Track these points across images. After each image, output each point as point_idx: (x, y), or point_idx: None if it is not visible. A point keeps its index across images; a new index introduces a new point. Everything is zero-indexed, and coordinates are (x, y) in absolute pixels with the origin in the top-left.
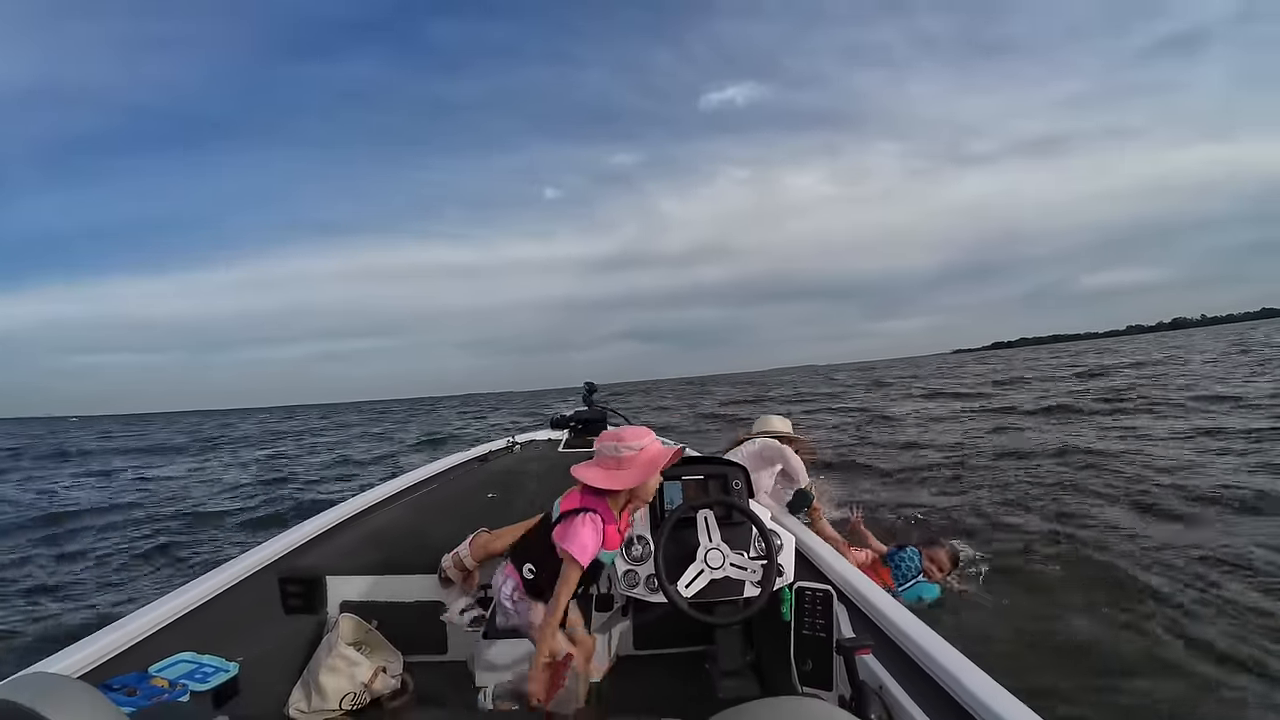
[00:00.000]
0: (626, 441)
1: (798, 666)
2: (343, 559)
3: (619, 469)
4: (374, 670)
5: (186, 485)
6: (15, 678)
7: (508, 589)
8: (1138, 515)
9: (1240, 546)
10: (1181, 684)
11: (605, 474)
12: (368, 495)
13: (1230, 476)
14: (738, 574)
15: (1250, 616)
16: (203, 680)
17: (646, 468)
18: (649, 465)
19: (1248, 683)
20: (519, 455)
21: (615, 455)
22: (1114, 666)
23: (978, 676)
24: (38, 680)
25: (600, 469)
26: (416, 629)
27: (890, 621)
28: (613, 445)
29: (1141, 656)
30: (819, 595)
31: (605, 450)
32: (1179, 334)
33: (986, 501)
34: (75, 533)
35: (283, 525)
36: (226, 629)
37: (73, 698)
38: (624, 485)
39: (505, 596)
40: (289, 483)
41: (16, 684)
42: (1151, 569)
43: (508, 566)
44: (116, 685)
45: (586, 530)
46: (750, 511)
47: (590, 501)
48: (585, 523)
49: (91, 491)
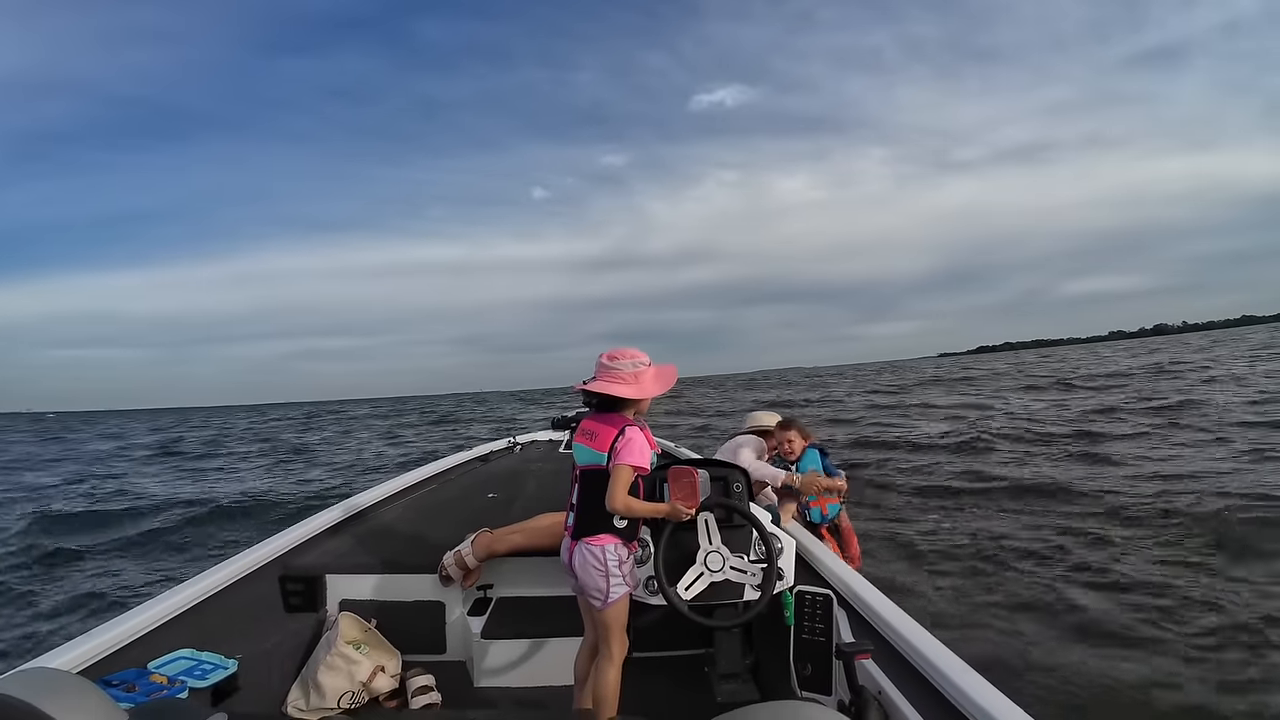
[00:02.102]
0: (634, 357)
1: (797, 671)
2: (343, 558)
3: (637, 382)
4: (373, 669)
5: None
6: (14, 672)
7: (613, 561)
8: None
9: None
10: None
11: (629, 387)
12: (368, 494)
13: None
14: (737, 577)
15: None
16: (202, 677)
17: (662, 378)
18: (664, 376)
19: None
20: (520, 455)
21: (633, 370)
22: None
23: (978, 683)
24: (37, 675)
25: (620, 383)
26: (416, 628)
27: (890, 626)
28: (629, 363)
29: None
30: (819, 599)
31: (620, 366)
32: (1161, 339)
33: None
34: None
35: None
36: (226, 626)
37: (72, 693)
38: (650, 394)
39: (616, 567)
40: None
41: (15, 679)
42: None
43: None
44: (115, 681)
45: (637, 438)
46: (751, 514)
47: (615, 419)
48: (632, 435)
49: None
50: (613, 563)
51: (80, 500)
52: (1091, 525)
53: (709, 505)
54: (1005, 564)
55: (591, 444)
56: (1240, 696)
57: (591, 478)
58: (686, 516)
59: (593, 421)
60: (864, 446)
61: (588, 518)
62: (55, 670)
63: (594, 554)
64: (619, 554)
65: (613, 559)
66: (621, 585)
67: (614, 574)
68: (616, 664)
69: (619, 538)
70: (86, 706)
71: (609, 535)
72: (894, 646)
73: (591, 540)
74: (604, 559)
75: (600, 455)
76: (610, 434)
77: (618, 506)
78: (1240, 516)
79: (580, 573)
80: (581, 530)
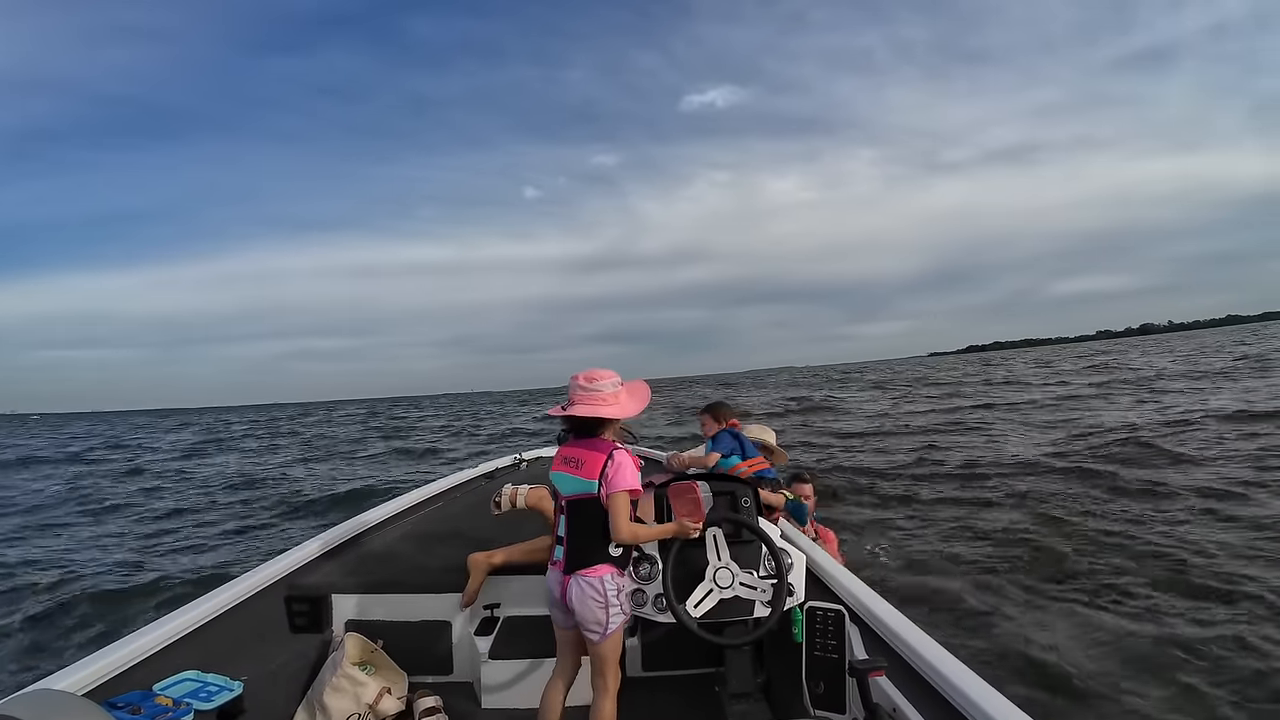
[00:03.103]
0: (611, 378)
1: (809, 689)
2: (348, 577)
3: (619, 402)
4: (379, 690)
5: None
6: (19, 694)
7: (612, 590)
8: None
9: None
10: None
11: (613, 408)
12: (373, 513)
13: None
14: (747, 593)
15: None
16: (207, 699)
17: (639, 396)
18: (639, 394)
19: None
20: (526, 472)
21: (614, 390)
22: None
23: (997, 700)
24: (43, 697)
25: (604, 404)
26: (422, 649)
27: (905, 643)
28: (609, 383)
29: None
30: (830, 615)
31: (601, 388)
32: (1148, 339)
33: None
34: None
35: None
36: (231, 647)
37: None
38: (632, 413)
39: (616, 597)
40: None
41: (21, 701)
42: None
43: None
44: (121, 704)
45: (627, 462)
46: (760, 529)
47: (600, 444)
48: (621, 459)
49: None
50: (611, 592)
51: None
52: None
53: (716, 520)
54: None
55: (578, 472)
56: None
57: (581, 507)
58: (695, 533)
59: (575, 448)
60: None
61: (581, 549)
62: (60, 692)
63: (593, 586)
64: (617, 583)
65: (611, 588)
66: (620, 615)
67: (613, 604)
68: (613, 695)
69: (615, 566)
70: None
71: (605, 565)
72: (909, 663)
73: (588, 573)
74: (603, 590)
75: (590, 483)
76: (598, 460)
77: (624, 537)
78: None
79: (579, 606)
80: (575, 563)
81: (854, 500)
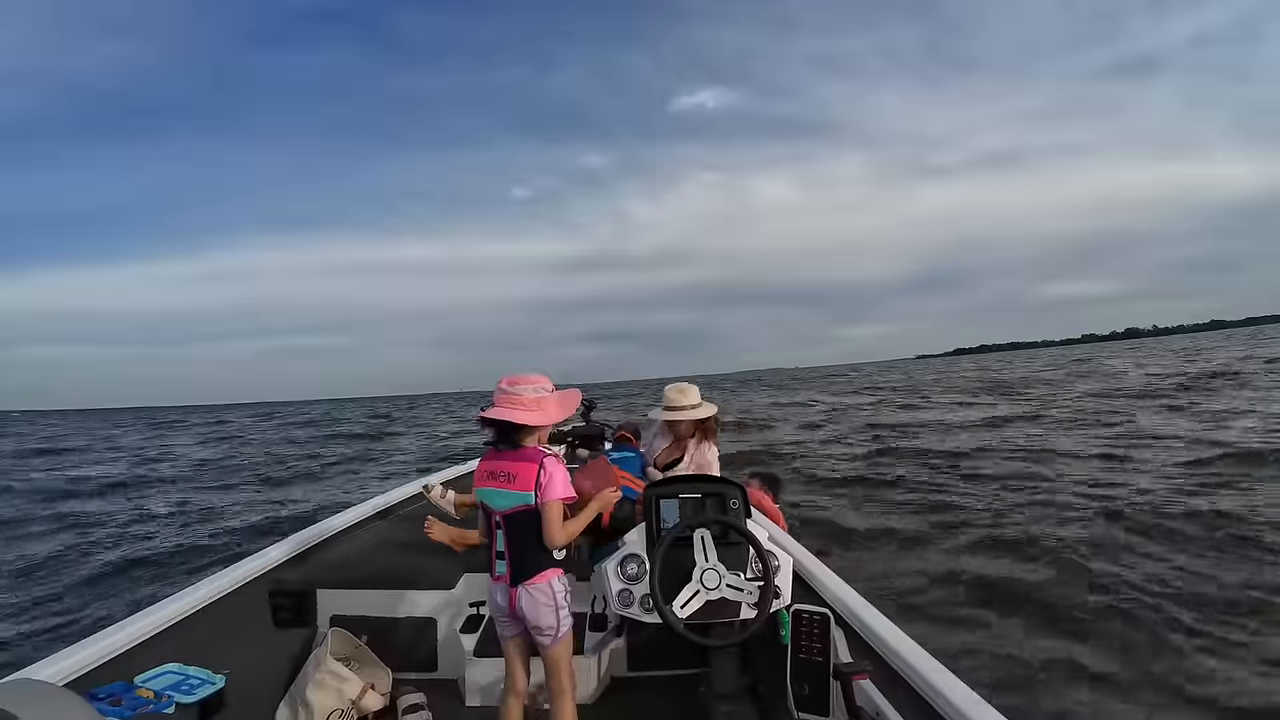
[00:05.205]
0: (537, 383)
1: (794, 691)
2: (334, 572)
3: (540, 408)
4: (363, 687)
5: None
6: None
7: (561, 592)
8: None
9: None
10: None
11: (532, 414)
12: (359, 509)
13: None
14: (734, 595)
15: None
16: (189, 692)
17: (566, 403)
18: (566, 401)
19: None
20: None
21: (535, 396)
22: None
23: (979, 706)
24: (23, 686)
25: (522, 409)
26: (407, 646)
27: (889, 647)
28: (530, 388)
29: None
30: (816, 618)
31: (520, 392)
32: (1133, 342)
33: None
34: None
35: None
36: (214, 641)
37: (58, 705)
38: (554, 420)
39: (564, 598)
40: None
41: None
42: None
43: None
44: (102, 695)
45: (559, 470)
46: (748, 531)
47: (530, 454)
48: (553, 469)
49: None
50: (560, 594)
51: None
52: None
53: (705, 522)
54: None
55: (511, 486)
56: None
57: (520, 520)
58: (617, 496)
59: (501, 461)
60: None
61: (525, 561)
62: (41, 682)
63: (543, 592)
64: (564, 584)
65: (560, 590)
66: (569, 616)
67: (562, 605)
68: (571, 697)
69: (559, 568)
70: (72, 719)
71: (551, 569)
72: (893, 667)
73: (536, 580)
74: (553, 593)
75: (526, 495)
76: (530, 470)
77: (560, 541)
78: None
79: (530, 614)
80: (522, 574)
81: (838, 504)
